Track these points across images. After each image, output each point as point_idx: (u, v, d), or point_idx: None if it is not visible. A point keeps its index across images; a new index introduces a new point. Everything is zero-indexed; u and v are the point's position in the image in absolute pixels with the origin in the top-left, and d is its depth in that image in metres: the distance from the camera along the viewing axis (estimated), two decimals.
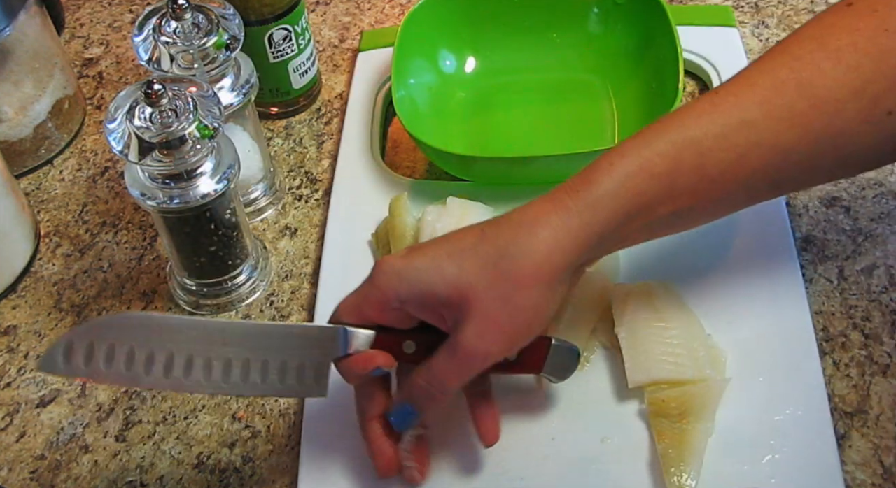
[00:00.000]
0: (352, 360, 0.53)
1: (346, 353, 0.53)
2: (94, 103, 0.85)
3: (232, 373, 0.52)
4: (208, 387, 0.52)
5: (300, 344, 0.53)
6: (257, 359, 0.52)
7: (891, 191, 0.69)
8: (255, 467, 0.61)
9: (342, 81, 0.83)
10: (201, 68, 0.64)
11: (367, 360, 0.53)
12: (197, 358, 0.52)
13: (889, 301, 0.64)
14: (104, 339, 0.50)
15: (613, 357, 0.61)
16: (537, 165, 0.68)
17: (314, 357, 0.53)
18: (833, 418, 0.58)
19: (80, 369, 0.50)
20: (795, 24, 0.82)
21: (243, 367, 0.52)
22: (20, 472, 0.62)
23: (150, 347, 0.51)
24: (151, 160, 0.58)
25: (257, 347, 0.52)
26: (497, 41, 0.80)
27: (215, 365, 0.52)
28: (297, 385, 0.53)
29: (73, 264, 0.73)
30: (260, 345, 0.52)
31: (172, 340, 0.51)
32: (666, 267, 0.65)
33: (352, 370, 0.53)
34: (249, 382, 0.52)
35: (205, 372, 0.52)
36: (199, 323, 0.54)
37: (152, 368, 0.51)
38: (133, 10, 0.93)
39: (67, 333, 0.50)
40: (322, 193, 0.75)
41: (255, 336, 0.53)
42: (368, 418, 0.55)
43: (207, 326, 0.53)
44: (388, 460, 0.55)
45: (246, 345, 0.52)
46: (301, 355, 0.53)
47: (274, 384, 0.53)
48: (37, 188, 0.78)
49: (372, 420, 0.55)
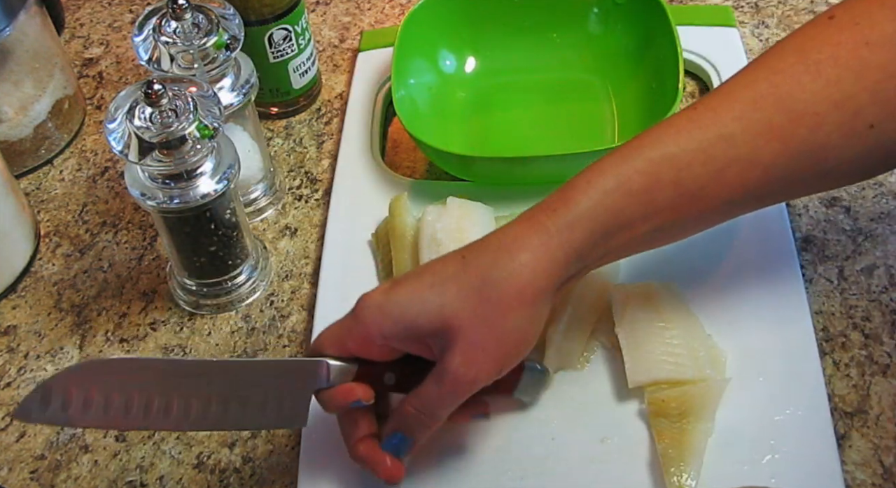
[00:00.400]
0: (332, 393, 0.53)
1: (326, 385, 0.53)
2: (94, 103, 0.85)
3: (211, 410, 0.52)
4: (187, 425, 0.52)
5: (280, 377, 0.53)
6: (237, 395, 0.52)
7: (891, 191, 0.69)
8: (255, 467, 0.61)
9: (342, 81, 0.83)
10: (201, 68, 0.64)
11: (347, 393, 0.53)
12: (177, 398, 0.51)
13: (889, 301, 0.64)
14: (82, 386, 0.50)
15: (613, 357, 0.61)
16: (537, 165, 0.68)
17: (294, 389, 0.53)
18: (833, 418, 0.58)
19: (57, 416, 0.50)
20: (795, 24, 0.82)
21: (222, 403, 0.52)
22: (20, 472, 0.62)
23: (128, 391, 0.50)
24: (151, 160, 0.58)
25: (237, 383, 0.52)
26: (497, 41, 0.80)
27: (194, 403, 0.51)
28: (276, 417, 0.53)
29: (73, 264, 0.73)
30: (240, 380, 0.52)
31: (152, 382, 0.51)
32: (666, 267, 0.65)
33: (332, 402, 0.54)
34: (229, 417, 0.52)
35: (184, 412, 0.51)
36: (180, 363, 0.54)
37: (131, 411, 0.50)
38: (133, 10, 0.93)
39: (44, 382, 0.50)
40: (322, 193, 0.75)
41: (234, 372, 0.52)
42: (355, 442, 0.55)
43: (188, 366, 0.53)
44: (390, 468, 0.55)
45: (225, 382, 0.52)
46: (281, 388, 0.53)
47: (254, 417, 0.53)
48: (37, 188, 0.79)
49: (358, 444, 0.55)
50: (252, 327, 0.68)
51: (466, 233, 0.65)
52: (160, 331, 0.68)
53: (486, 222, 0.67)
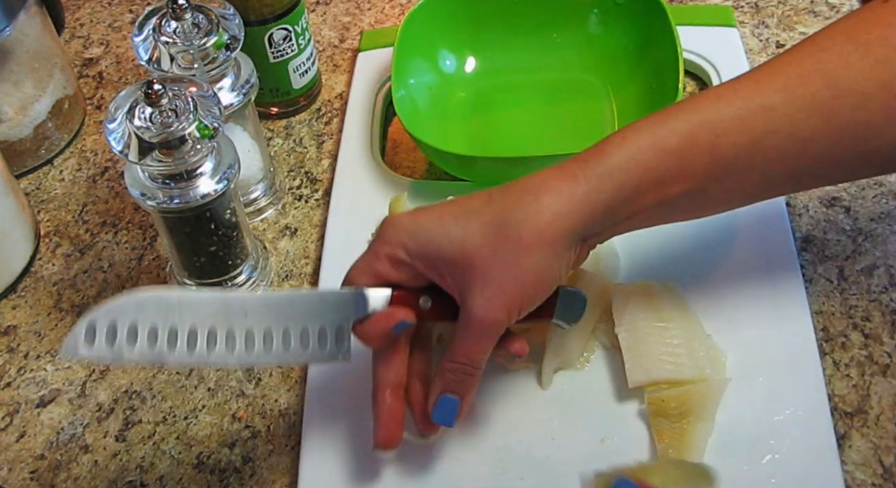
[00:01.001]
0: (373, 320, 0.53)
1: (365, 314, 0.53)
2: (94, 103, 0.85)
3: (255, 344, 0.52)
4: (233, 359, 0.52)
5: (319, 309, 0.53)
6: (278, 328, 0.52)
7: (891, 191, 0.69)
8: (255, 467, 0.61)
9: (342, 81, 0.83)
10: (201, 68, 0.64)
11: (389, 317, 0.53)
12: (219, 330, 0.51)
13: (889, 301, 0.64)
14: (125, 319, 0.50)
15: (613, 357, 0.62)
16: (537, 165, 0.67)
17: (334, 321, 0.53)
18: (833, 418, 0.58)
19: (104, 353, 0.49)
20: (795, 24, 0.82)
21: (265, 337, 0.52)
22: (20, 472, 0.62)
23: (171, 323, 0.51)
24: (151, 160, 0.58)
25: (277, 316, 0.53)
26: (497, 41, 0.80)
27: (237, 336, 0.52)
28: (319, 350, 0.53)
29: (73, 264, 0.73)
30: (279, 313, 0.53)
31: (192, 315, 0.51)
32: (666, 267, 0.65)
33: (373, 330, 0.53)
34: (273, 351, 0.52)
35: (228, 345, 0.52)
36: (218, 297, 0.53)
37: (176, 345, 0.51)
38: (133, 10, 0.93)
39: (86, 316, 0.49)
40: (322, 193, 0.75)
41: (273, 305, 0.53)
42: (382, 386, 0.55)
43: (226, 299, 0.53)
44: (391, 432, 0.55)
45: (265, 315, 0.52)
46: (321, 320, 0.53)
47: (297, 351, 0.53)
48: (37, 188, 0.78)
49: (386, 388, 0.55)
50: None
51: None
52: None
53: None
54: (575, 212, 0.50)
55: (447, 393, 0.53)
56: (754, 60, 0.79)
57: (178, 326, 0.51)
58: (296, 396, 0.64)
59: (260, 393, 0.64)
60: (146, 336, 0.50)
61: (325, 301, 0.54)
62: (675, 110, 0.51)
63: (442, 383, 0.53)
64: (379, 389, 0.55)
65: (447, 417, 0.54)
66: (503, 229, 0.50)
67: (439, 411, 0.54)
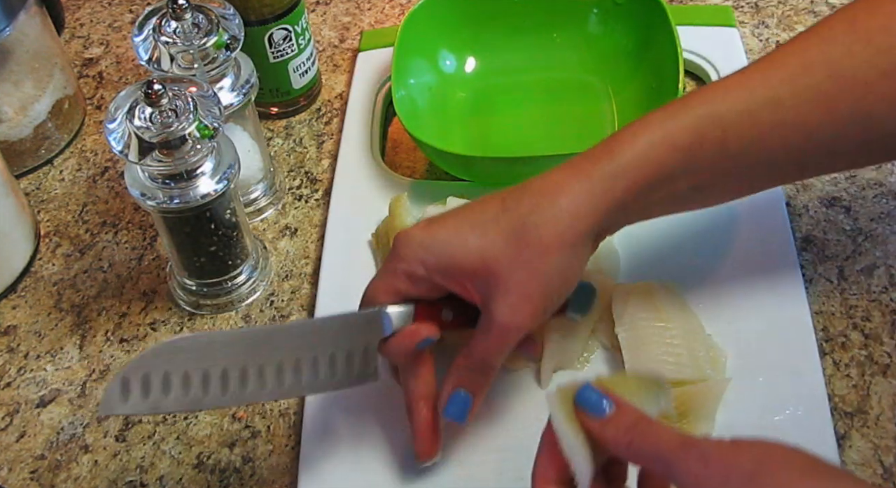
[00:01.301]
0: (398, 337, 0.53)
1: (389, 333, 0.54)
2: (94, 103, 0.85)
3: (285, 376, 0.52)
4: (265, 394, 0.52)
5: (344, 333, 0.53)
6: (308, 357, 0.53)
7: (891, 191, 0.69)
8: (255, 467, 0.61)
9: (342, 81, 0.83)
10: (201, 68, 0.64)
11: (414, 334, 0.53)
12: (250, 367, 0.51)
13: (889, 301, 0.63)
14: (158, 369, 0.50)
15: (613, 357, 0.61)
16: (537, 165, 0.68)
17: (360, 343, 0.54)
18: (833, 418, 0.58)
19: (140, 404, 0.49)
20: (795, 24, 0.82)
21: (295, 368, 0.52)
22: (20, 472, 0.62)
23: (204, 367, 0.51)
24: (151, 160, 0.58)
25: (305, 345, 0.53)
26: (497, 41, 0.80)
27: (268, 371, 0.52)
28: (347, 374, 0.54)
29: (73, 264, 0.73)
30: (306, 342, 0.53)
31: (223, 356, 0.51)
32: (666, 267, 0.65)
33: (399, 347, 0.53)
34: (304, 381, 0.53)
35: (259, 381, 0.51)
36: (246, 333, 0.54)
37: (209, 387, 0.51)
38: (133, 10, 0.93)
39: (120, 372, 0.49)
40: (322, 193, 0.75)
41: (300, 334, 0.53)
42: (416, 398, 0.55)
43: (254, 335, 0.53)
44: (431, 443, 0.55)
45: (294, 346, 0.52)
46: (347, 344, 0.53)
47: (326, 378, 0.53)
48: (37, 188, 0.78)
49: (420, 400, 0.55)
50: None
51: None
52: (160, 331, 0.68)
53: None
54: (592, 211, 0.50)
55: (461, 390, 0.53)
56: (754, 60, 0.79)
57: (210, 369, 0.51)
58: None
59: None
60: (180, 383, 0.50)
61: (349, 324, 0.54)
62: (684, 104, 0.52)
63: (456, 379, 0.53)
64: (414, 402, 0.55)
65: (459, 413, 0.54)
66: (523, 235, 0.50)
67: (452, 406, 0.54)
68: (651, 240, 0.66)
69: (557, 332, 0.60)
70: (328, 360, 0.53)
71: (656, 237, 0.67)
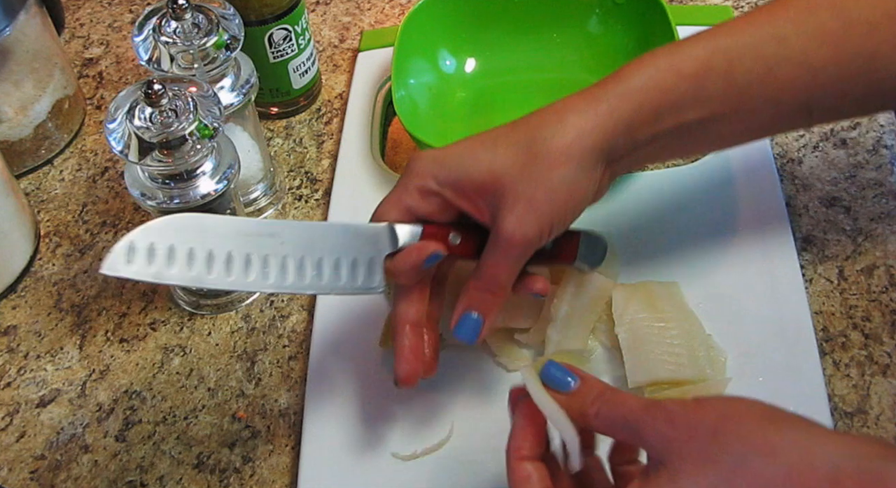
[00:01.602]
0: (405, 252, 0.54)
1: (396, 249, 0.54)
2: (94, 103, 0.85)
3: (288, 271, 0.53)
4: (268, 285, 0.52)
5: (351, 241, 0.54)
6: (312, 257, 0.53)
7: (891, 191, 0.69)
8: (255, 467, 0.61)
9: (342, 81, 0.83)
10: (201, 68, 0.64)
11: (421, 249, 0.53)
12: (254, 256, 0.52)
13: (889, 301, 0.63)
14: (163, 240, 0.50)
15: (613, 357, 0.61)
16: None
17: (366, 254, 0.54)
18: (833, 418, 0.58)
19: (144, 271, 0.50)
20: None
21: (299, 265, 0.53)
22: (20, 472, 0.62)
23: (209, 247, 0.51)
24: (151, 160, 0.58)
25: (310, 245, 0.53)
26: (497, 41, 0.80)
27: (272, 262, 0.52)
28: (351, 282, 0.54)
29: (73, 264, 0.73)
30: (312, 242, 0.53)
31: (230, 240, 0.52)
32: (666, 267, 0.65)
33: (406, 263, 0.53)
34: (307, 280, 0.53)
35: (262, 271, 0.52)
36: (252, 223, 0.54)
37: (213, 267, 0.51)
38: (133, 10, 0.93)
39: (127, 235, 0.50)
40: (322, 193, 0.75)
41: (306, 234, 0.53)
42: (403, 321, 0.55)
43: (260, 226, 0.54)
44: (412, 369, 0.55)
45: (299, 244, 0.53)
46: (353, 252, 0.54)
47: (330, 281, 0.53)
48: (37, 188, 0.79)
49: (405, 324, 0.55)
50: (252, 327, 0.68)
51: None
52: (160, 331, 0.68)
53: None
54: (598, 128, 0.51)
55: (471, 311, 0.53)
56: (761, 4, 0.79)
57: (215, 250, 0.51)
58: (296, 396, 0.64)
59: (260, 393, 0.64)
60: (185, 258, 0.51)
61: (356, 234, 0.54)
62: (692, 39, 0.53)
63: (466, 301, 0.54)
64: (399, 325, 0.55)
65: (469, 334, 0.54)
66: (531, 147, 0.51)
67: (461, 327, 0.54)
68: (651, 240, 0.66)
69: (557, 332, 0.60)
70: (333, 264, 0.53)
71: (656, 237, 0.67)
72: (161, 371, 0.66)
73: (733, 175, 0.69)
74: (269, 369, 0.65)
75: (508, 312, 0.61)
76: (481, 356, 0.63)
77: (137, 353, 0.67)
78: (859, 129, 0.73)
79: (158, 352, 0.67)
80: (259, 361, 0.66)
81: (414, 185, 0.54)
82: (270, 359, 0.66)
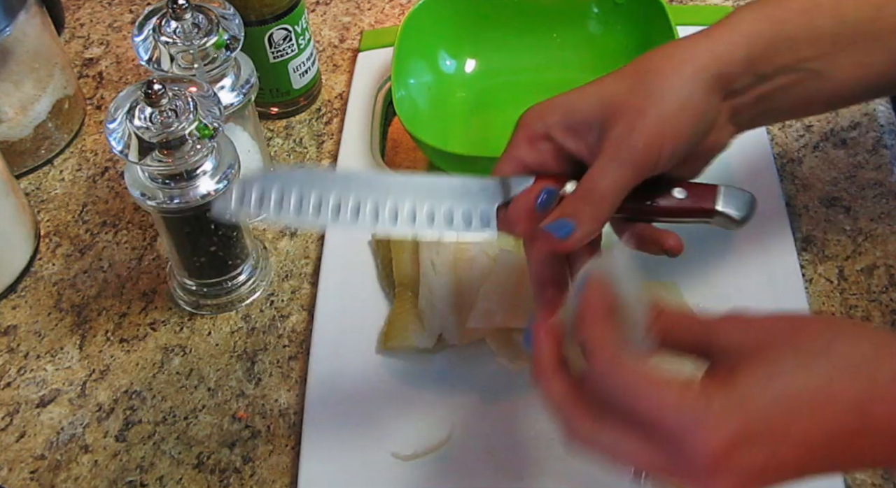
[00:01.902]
0: (517, 197, 0.52)
1: (508, 199, 0.53)
2: (94, 103, 0.85)
3: (400, 218, 0.53)
4: (379, 229, 0.53)
5: (462, 193, 0.53)
6: (424, 207, 0.53)
7: (891, 191, 0.69)
8: (255, 467, 0.61)
9: (342, 81, 0.83)
10: (201, 68, 0.64)
11: (532, 189, 0.52)
12: (365, 203, 0.52)
13: (889, 301, 0.63)
14: (273, 188, 0.52)
15: None
16: None
17: (477, 205, 0.53)
18: None
19: (253, 212, 0.52)
20: None
21: (411, 213, 0.53)
22: (20, 472, 0.62)
23: (318, 195, 0.52)
24: (151, 160, 0.58)
25: (420, 196, 0.53)
26: (497, 41, 0.80)
27: (383, 210, 0.52)
28: (465, 229, 0.53)
29: (73, 264, 0.73)
30: (423, 193, 0.53)
31: (338, 188, 0.52)
32: (666, 267, 0.65)
33: (518, 207, 0.52)
34: (417, 225, 0.53)
35: (373, 217, 0.52)
36: (362, 175, 0.55)
37: (320, 212, 0.52)
38: (133, 10, 0.93)
39: (238, 183, 0.52)
40: None
41: (416, 186, 0.53)
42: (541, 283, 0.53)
43: (370, 178, 0.54)
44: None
45: (409, 194, 0.53)
46: (464, 204, 0.53)
47: (440, 228, 0.53)
48: (37, 188, 0.78)
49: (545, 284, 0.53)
50: (252, 327, 0.68)
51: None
52: (160, 331, 0.68)
53: None
54: (713, 52, 0.50)
55: (564, 217, 0.50)
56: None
57: (323, 198, 0.52)
58: (296, 396, 0.64)
59: (260, 393, 0.64)
60: (296, 202, 0.52)
61: (468, 186, 0.53)
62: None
63: (561, 208, 0.51)
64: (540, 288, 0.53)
65: (560, 229, 0.50)
66: (639, 69, 0.51)
67: (555, 226, 0.50)
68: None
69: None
70: (444, 214, 0.53)
71: None
72: (161, 371, 0.66)
73: (733, 175, 0.69)
74: (269, 369, 0.65)
75: (508, 312, 0.61)
76: (481, 356, 0.63)
77: (137, 353, 0.67)
78: (859, 129, 0.73)
79: (158, 352, 0.67)
80: (259, 361, 0.66)
81: (522, 136, 0.53)
82: (270, 359, 0.66)
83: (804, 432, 0.40)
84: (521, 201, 0.52)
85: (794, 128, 0.74)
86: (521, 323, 0.62)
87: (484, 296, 0.62)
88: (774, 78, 0.52)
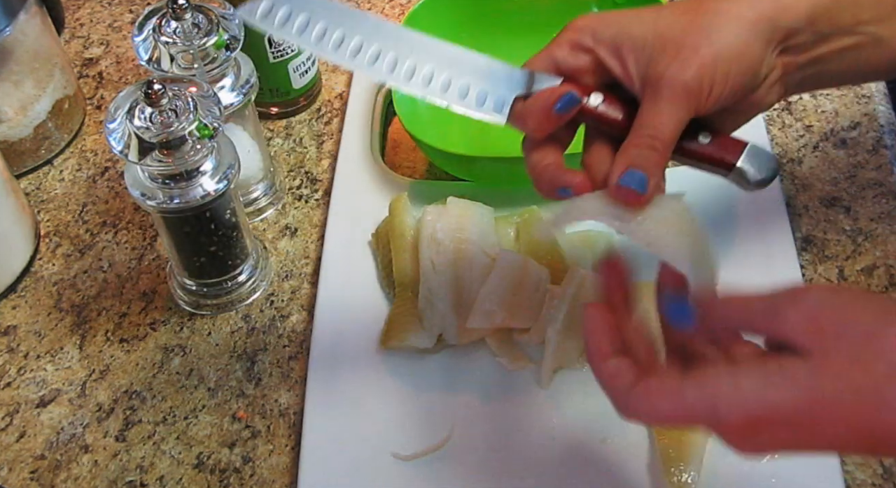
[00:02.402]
0: (538, 93, 0.51)
1: (529, 92, 0.51)
2: (94, 103, 0.85)
3: (416, 78, 0.52)
4: (392, 77, 0.52)
5: (485, 73, 0.52)
6: (440, 74, 0.52)
7: (891, 192, 0.69)
8: (255, 467, 0.61)
9: (342, 81, 0.83)
10: (201, 68, 0.64)
11: (554, 90, 0.50)
12: (385, 53, 0.52)
13: None
14: (302, 12, 0.52)
15: None
16: None
17: (496, 88, 0.52)
18: None
19: (275, 29, 0.52)
20: None
21: (429, 76, 0.52)
22: (20, 472, 0.62)
23: (343, 32, 0.52)
24: (151, 160, 0.58)
25: (442, 63, 0.52)
26: (497, 41, 0.79)
27: (401, 64, 0.52)
28: (476, 107, 0.52)
29: (73, 264, 0.73)
30: (445, 61, 0.53)
31: (363, 33, 0.52)
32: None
33: (536, 103, 0.51)
34: (429, 89, 0.52)
35: (390, 69, 0.52)
36: (394, 27, 0.54)
37: (342, 48, 0.52)
38: (133, 10, 0.93)
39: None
40: (322, 193, 0.75)
41: (443, 54, 0.53)
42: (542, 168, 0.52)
43: (402, 33, 0.53)
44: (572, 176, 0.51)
45: (431, 58, 0.52)
46: (484, 83, 0.52)
47: (452, 99, 0.52)
48: (37, 188, 0.79)
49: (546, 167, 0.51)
50: (252, 327, 0.68)
51: (466, 232, 0.65)
52: (160, 331, 0.68)
53: (486, 222, 0.67)
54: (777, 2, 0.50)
55: (634, 169, 0.48)
56: None
57: (346, 36, 0.52)
58: (296, 396, 0.64)
59: (260, 393, 0.64)
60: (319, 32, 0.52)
61: (492, 69, 0.52)
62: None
63: (626, 159, 0.49)
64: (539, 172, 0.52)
65: (637, 182, 0.48)
66: (702, 7, 0.50)
67: (628, 178, 0.48)
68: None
69: (557, 333, 0.60)
70: (460, 87, 0.52)
71: None
72: (161, 371, 0.66)
73: None
74: (269, 369, 0.65)
75: (508, 312, 0.61)
76: (481, 356, 0.63)
77: (137, 353, 0.67)
78: (859, 129, 0.73)
79: (158, 352, 0.67)
80: (259, 361, 0.66)
81: (567, 38, 0.52)
82: (270, 359, 0.66)
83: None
84: (542, 98, 0.51)
85: (794, 129, 0.74)
86: (521, 323, 0.62)
87: (484, 296, 0.62)
88: (832, 39, 0.51)
